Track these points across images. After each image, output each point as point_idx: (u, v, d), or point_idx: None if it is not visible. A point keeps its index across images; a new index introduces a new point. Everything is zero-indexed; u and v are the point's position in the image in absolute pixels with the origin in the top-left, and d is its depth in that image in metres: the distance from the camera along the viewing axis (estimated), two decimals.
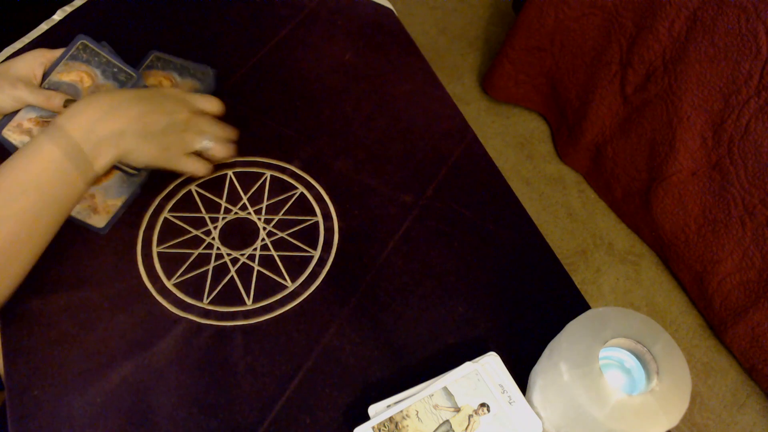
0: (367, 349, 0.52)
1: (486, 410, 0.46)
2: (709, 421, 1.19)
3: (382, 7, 0.80)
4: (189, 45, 0.74)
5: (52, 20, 0.74)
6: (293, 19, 0.77)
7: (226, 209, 0.60)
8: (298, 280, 0.56)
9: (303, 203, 0.61)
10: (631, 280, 1.36)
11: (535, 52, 1.41)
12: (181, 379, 0.50)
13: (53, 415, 0.48)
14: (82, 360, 0.50)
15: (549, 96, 1.50)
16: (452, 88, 1.63)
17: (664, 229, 1.28)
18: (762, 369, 1.16)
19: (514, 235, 0.60)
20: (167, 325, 0.53)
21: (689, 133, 1.15)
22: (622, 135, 1.31)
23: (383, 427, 0.45)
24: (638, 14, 1.18)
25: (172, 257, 0.57)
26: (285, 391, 0.50)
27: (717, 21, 1.04)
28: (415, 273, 0.57)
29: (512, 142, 1.55)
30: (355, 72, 0.73)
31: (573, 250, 1.39)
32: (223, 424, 0.48)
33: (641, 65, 1.20)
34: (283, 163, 0.64)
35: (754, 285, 1.12)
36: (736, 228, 1.13)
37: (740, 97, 1.05)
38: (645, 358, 0.41)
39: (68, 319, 0.52)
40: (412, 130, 0.68)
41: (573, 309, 0.55)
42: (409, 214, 0.61)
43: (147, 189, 0.61)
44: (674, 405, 0.39)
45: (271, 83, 0.71)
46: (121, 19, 0.76)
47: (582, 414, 0.40)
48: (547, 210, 1.45)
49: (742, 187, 1.09)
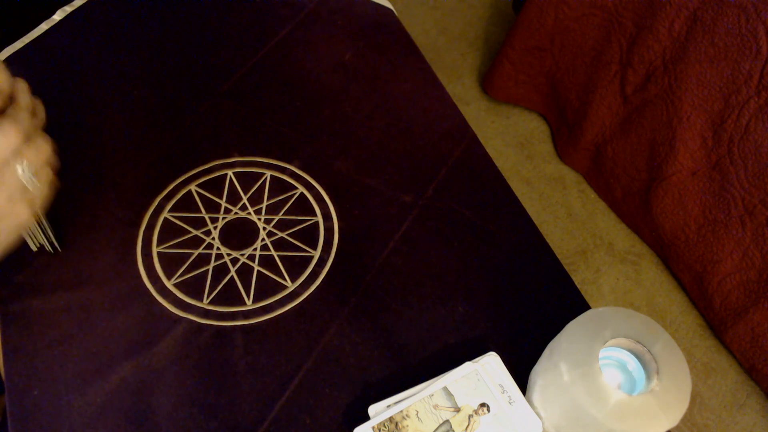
0: (367, 349, 0.52)
1: (486, 410, 0.46)
2: (709, 421, 1.18)
3: (382, 7, 0.80)
4: (189, 45, 0.74)
5: (52, 20, 0.74)
6: (293, 19, 0.77)
7: (226, 209, 0.60)
8: (298, 280, 0.56)
9: (303, 203, 0.61)
10: (631, 280, 1.36)
11: (535, 52, 1.41)
12: (181, 379, 0.50)
13: (53, 415, 0.48)
14: (82, 360, 0.50)
15: (549, 96, 1.50)
16: (452, 88, 1.63)
17: (664, 229, 1.28)
18: (762, 369, 1.16)
19: (514, 235, 0.60)
20: (167, 325, 0.53)
21: (689, 133, 1.15)
22: (622, 135, 1.31)
23: (383, 427, 0.45)
24: (638, 14, 1.18)
25: (172, 257, 0.57)
26: (285, 391, 0.50)
27: (717, 21, 1.04)
28: (415, 273, 0.57)
29: (512, 142, 1.55)
30: (355, 72, 0.73)
31: (573, 250, 1.39)
32: (223, 424, 0.48)
33: (641, 65, 1.20)
34: (283, 163, 0.64)
35: (754, 285, 1.12)
36: (736, 228, 1.13)
37: (740, 97, 1.05)
38: (645, 358, 0.41)
39: (68, 319, 0.52)
40: (412, 130, 0.68)
41: (573, 309, 0.55)
42: (409, 214, 0.61)
43: (147, 189, 0.61)
44: (674, 405, 0.39)
45: (271, 83, 0.71)
46: (121, 19, 0.76)
47: (582, 414, 0.40)
48: (547, 210, 1.45)
49: (742, 187, 1.09)
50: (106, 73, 0.71)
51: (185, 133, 0.66)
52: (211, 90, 0.69)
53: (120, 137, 0.65)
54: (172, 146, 0.65)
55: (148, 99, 0.68)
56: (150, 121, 0.66)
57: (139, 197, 0.60)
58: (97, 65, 0.71)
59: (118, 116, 0.67)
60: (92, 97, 0.69)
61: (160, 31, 0.75)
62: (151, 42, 0.74)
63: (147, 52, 0.73)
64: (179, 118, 0.67)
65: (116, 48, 0.73)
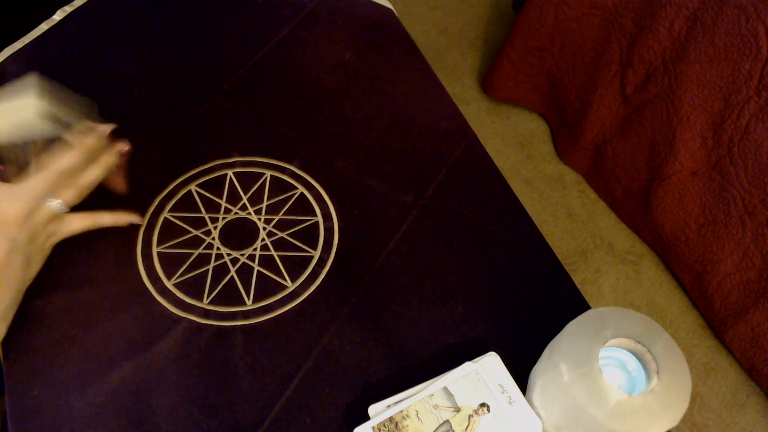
0: (367, 349, 0.52)
1: (486, 410, 0.46)
2: (709, 421, 1.19)
3: (382, 7, 0.80)
4: (189, 45, 0.74)
5: (52, 20, 0.74)
6: (293, 19, 0.77)
7: (226, 209, 0.60)
8: (298, 280, 0.56)
9: (303, 203, 0.61)
10: (631, 280, 1.36)
11: (535, 52, 1.41)
12: (181, 379, 0.50)
13: (53, 415, 0.48)
14: (82, 360, 0.50)
15: (549, 96, 1.50)
16: (452, 88, 1.63)
17: (664, 229, 1.28)
18: (762, 369, 1.16)
19: (514, 235, 0.60)
20: (167, 325, 0.53)
21: (689, 133, 1.15)
22: (622, 135, 1.31)
23: (383, 427, 0.45)
24: (638, 14, 1.18)
25: (172, 257, 0.57)
26: (285, 391, 0.50)
27: (717, 21, 1.04)
28: (415, 273, 0.57)
29: (512, 142, 1.55)
30: (355, 72, 0.73)
31: (573, 250, 1.39)
32: (223, 424, 0.48)
33: (641, 65, 1.20)
34: (283, 163, 0.64)
35: (754, 285, 1.12)
36: (736, 228, 1.13)
37: (740, 97, 1.05)
38: (645, 358, 0.41)
39: (68, 319, 0.52)
40: (412, 130, 0.68)
41: (573, 309, 0.55)
42: (409, 214, 0.61)
43: (147, 189, 0.61)
44: (674, 405, 0.39)
45: (271, 83, 0.71)
46: (121, 19, 0.76)
47: (582, 414, 0.40)
48: (547, 210, 1.45)
49: (742, 187, 1.09)
50: (106, 73, 0.71)
51: (185, 133, 0.66)
52: (211, 90, 0.69)
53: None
54: (172, 146, 0.65)
55: (148, 99, 0.68)
56: (150, 121, 0.66)
57: (139, 197, 0.60)
58: (97, 65, 0.71)
59: (118, 116, 0.67)
60: (92, 97, 0.68)
61: (160, 31, 0.75)
62: (151, 42, 0.74)
63: (147, 52, 0.73)
64: (179, 118, 0.67)
65: (116, 48, 0.73)
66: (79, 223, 0.52)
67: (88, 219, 0.53)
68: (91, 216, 0.53)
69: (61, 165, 0.49)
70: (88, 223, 0.53)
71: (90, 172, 0.51)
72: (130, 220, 0.57)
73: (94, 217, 0.54)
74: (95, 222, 0.54)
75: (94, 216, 0.54)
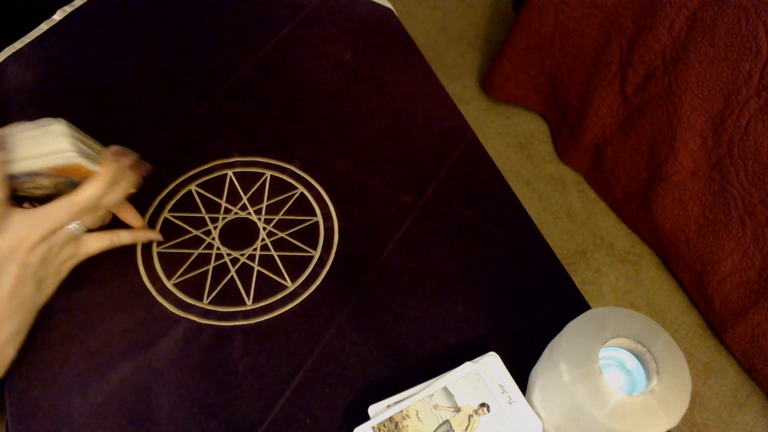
0: (367, 349, 0.52)
1: (486, 410, 0.46)
2: (709, 421, 1.18)
3: (382, 7, 0.80)
4: (189, 45, 0.74)
5: (52, 20, 0.74)
6: (293, 19, 0.77)
7: (226, 209, 0.60)
8: (298, 280, 0.56)
9: (303, 203, 0.61)
10: (631, 280, 1.36)
11: (535, 52, 1.41)
12: (181, 379, 0.50)
13: (53, 415, 0.48)
14: (82, 360, 0.50)
15: (549, 96, 1.50)
16: (452, 88, 1.63)
17: (664, 229, 1.28)
18: (762, 369, 1.16)
19: (514, 235, 0.60)
20: (167, 325, 0.53)
21: (689, 133, 1.15)
22: (622, 135, 1.31)
23: (383, 427, 0.45)
24: (638, 14, 1.18)
25: (172, 257, 0.57)
26: (285, 391, 0.50)
27: (717, 21, 1.04)
28: (415, 273, 0.57)
29: (512, 142, 1.55)
30: (355, 72, 0.73)
31: (573, 250, 1.39)
32: (223, 424, 0.48)
33: (641, 65, 1.20)
34: (283, 163, 0.64)
35: (754, 285, 1.12)
36: (736, 228, 1.13)
37: (740, 97, 1.05)
38: (645, 358, 0.41)
39: (68, 319, 0.52)
40: (412, 130, 0.68)
41: (573, 309, 0.55)
42: (409, 214, 0.61)
43: (147, 189, 0.61)
44: (674, 405, 0.39)
45: (271, 83, 0.71)
46: (121, 19, 0.76)
47: (582, 414, 0.40)
48: (547, 210, 1.45)
49: (742, 187, 1.09)
50: (106, 73, 0.71)
51: (185, 133, 0.66)
52: (211, 90, 0.69)
53: (120, 137, 0.65)
54: (171, 146, 0.65)
55: (148, 99, 0.68)
56: (150, 121, 0.66)
57: (139, 197, 0.60)
58: (97, 65, 0.71)
59: (118, 116, 0.67)
60: (92, 97, 0.69)
61: (160, 31, 0.75)
62: (151, 42, 0.74)
63: (147, 52, 0.73)
64: (179, 118, 0.67)
65: (116, 48, 0.73)
66: (98, 243, 0.51)
67: (106, 238, 0.51)
68: (108, 235, 0.52)
69: (86, 196, 0.47)
70: (106, 242, 0.52)
71: (112, 194, 0.49)
72: (150, 236, 0.56)
73: (112, 236, 0.52)
74: (114, 241, 0.52)
75: (112, 235, 0.52)
